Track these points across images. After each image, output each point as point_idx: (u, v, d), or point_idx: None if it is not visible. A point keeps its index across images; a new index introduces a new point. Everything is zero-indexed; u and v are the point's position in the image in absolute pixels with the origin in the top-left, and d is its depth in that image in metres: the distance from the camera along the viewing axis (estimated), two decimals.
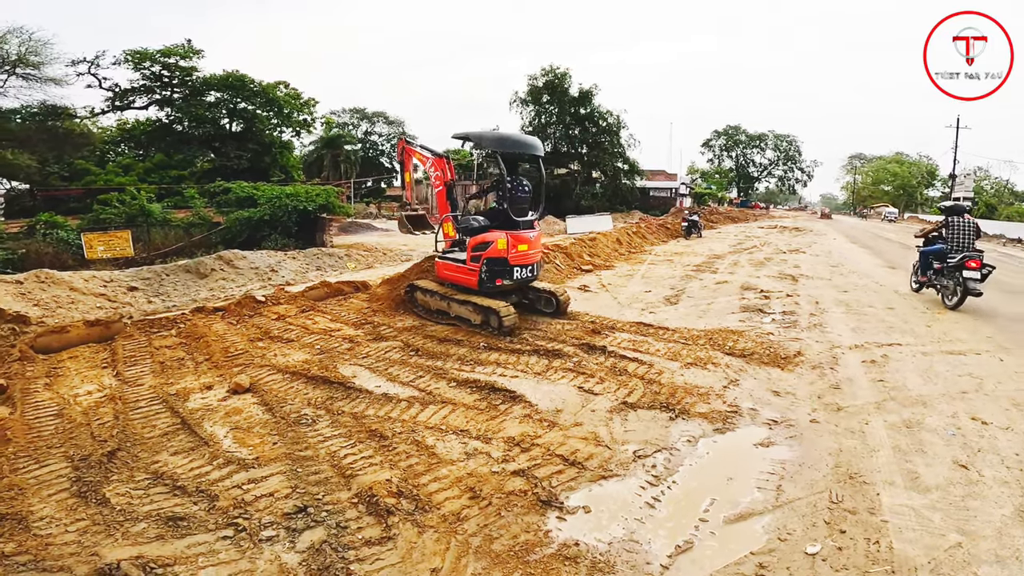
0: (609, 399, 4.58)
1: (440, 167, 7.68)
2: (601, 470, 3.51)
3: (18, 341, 5.86)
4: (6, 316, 6.71)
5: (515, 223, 6.83)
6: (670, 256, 15.11)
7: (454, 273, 7.07)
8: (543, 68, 41.37)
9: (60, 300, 8.70)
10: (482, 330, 6.53)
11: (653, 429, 4.10)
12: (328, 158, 41.82)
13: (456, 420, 4.18)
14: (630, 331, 6.86)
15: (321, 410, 4.29)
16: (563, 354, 5.75)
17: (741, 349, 6.15)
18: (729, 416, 4.36)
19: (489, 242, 6.64)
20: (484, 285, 6.66)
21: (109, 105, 26.95)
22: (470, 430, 4.00)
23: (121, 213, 18.82)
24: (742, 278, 11.36)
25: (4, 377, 5.04)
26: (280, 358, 5.59)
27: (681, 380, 5.09)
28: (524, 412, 4.32)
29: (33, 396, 4.64)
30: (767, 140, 76.69)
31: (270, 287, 10.07)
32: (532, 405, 4.43)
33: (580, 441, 3.87)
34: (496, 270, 6.65)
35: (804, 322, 7.73)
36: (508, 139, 7.28)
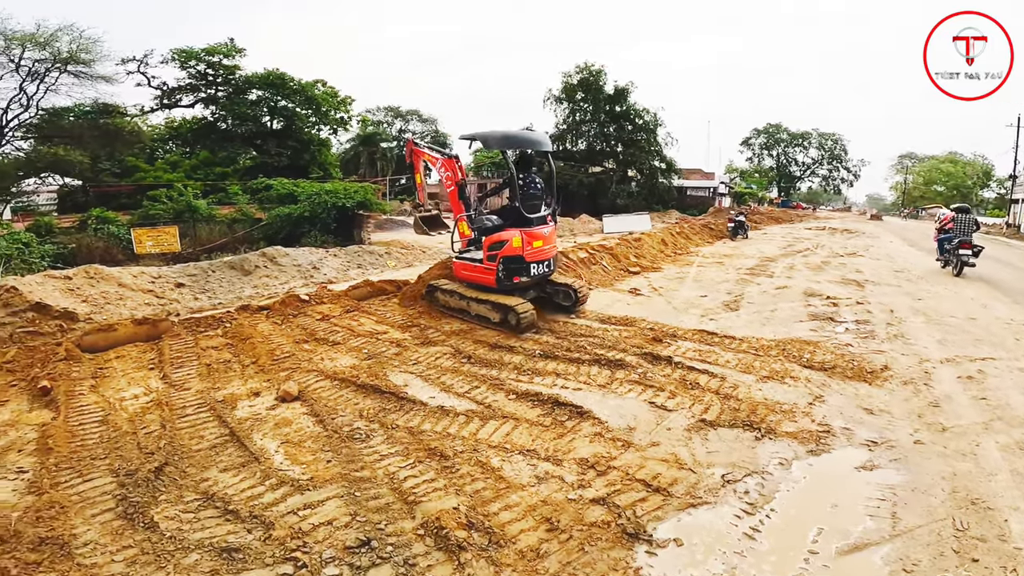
0: (684, 416, 4.21)
1: (450, 167, 7.59)
2: (688, 497, 3.17)
3: (64, 339, 5.80)
4: (53, 312, 6.72)
5: (528, 220, 6.83)
6: (719, 258, 14.42)
7: (472, 272, 7.10)
8: (577, 65, 40.74)
9: (108, 296, 8.76)
10: (501, 328, 6.51)
11: (738, 450, 3.74)
12: (365, 155, 42.25)
13: (520, 438, 3.85)
14: (694, 340, 6.41)
15: (374, 423, 4.01)
16: (626, 364, 5.35)
17: (820, 362, 5.64)
18: (821, 436, 3.97)
19: (504, 240, 6.63)
20: (502, 283, 6.70)
21: (158, 103, 27.81)
22: (537, 450, 3.68)
23: (169, 209, 19.26)
24: (802, 283, 10.66)
25: (49, 378, 4.95)
26: (327, 362, 5.35)
27: (760, 395, 4.67)
28: (594, 429, 3.98)
29: (78, 399, 4.51)
30: (811, 138, 73.92)
31: (312, 285, 9.96)
32: (601, 422, 4.09)
33: (660, 463, 3.52)
34: (513, 268, 6.67)
35: (882, 332, 7.10)
36: (514, 137, 7.28)
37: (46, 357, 5.46)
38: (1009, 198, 38.10)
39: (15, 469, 3.57)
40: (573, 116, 41.93)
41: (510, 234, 6.67)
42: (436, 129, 58.97)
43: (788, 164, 75.45)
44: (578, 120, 41.85)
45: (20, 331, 6.52)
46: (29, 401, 4.62)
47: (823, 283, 10.75)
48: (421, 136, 57.62)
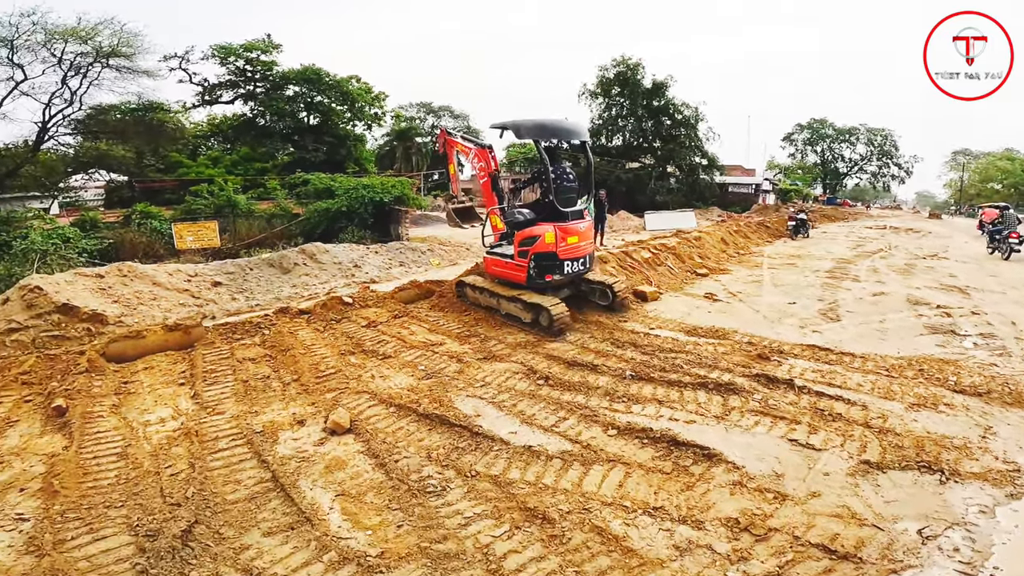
0: (839, 456, 3.45)
1: (483, 158, 7.10)
2: (887, 562, 2.49)
3: (88, 348, 5.18)
4: (81, 315, 6.15)
5: (563, 214, 6.34)
6: (787, 259, 13.17)
7: (503, 268, 6.66)
8: (614, 59, 39.27)
9: (142, 296, 8.23)
10: (532, 328, 6.09)
11: (923, 497, 3.04)
12: (400, 150, 41.87)
13: (639, 490, 3.03)
14: (806, 357, 5.44)
15: (448, 469, 3.19)
16: (739, 388, 4.45)
17: (970, 385, 4.70)
18: (1014, 476, 3.26)
19: (536, 236, 6.15)
20: (533, 281, 6.24)
21: (199, 99, 27.85)
22: (666, 507, 2.87)
23: (210, 204, 19.06)
24: (899, 289, 9.42)
25: (66, 395, 4.32)
26: (379, 381, 4.57)
27: (918, 427, 3.87)
28: (730, 477, 3.18)
29: (95, 423, 3.85)
30: (858, 134, 70.32)
31: (354, 284, 9.27)
32: (737, 466, 3.28)
33: (832, 520, 2.78)
34: (545, 265, 6.19)
35: (1015, 348, 5.99)
36: (548, 126, 6.69)
37: (66, 368, 4.87)
38: None
39: (14, 515, 2.89)
40: (609, 111, 40.59)
41: (543, 229, 6.15)
42: (468, 125, 58.33)
43: (834, 160, 72.04)
44: (615, 115, 40.48)
45: (44, 335, 5.98)
46: (42, 422, 4.00)
47: (923, 289, 9.50)
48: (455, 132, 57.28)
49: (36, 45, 15.42)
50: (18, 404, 4.36)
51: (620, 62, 38.24)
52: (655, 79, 38.29)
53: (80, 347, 5.77)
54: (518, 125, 6.52)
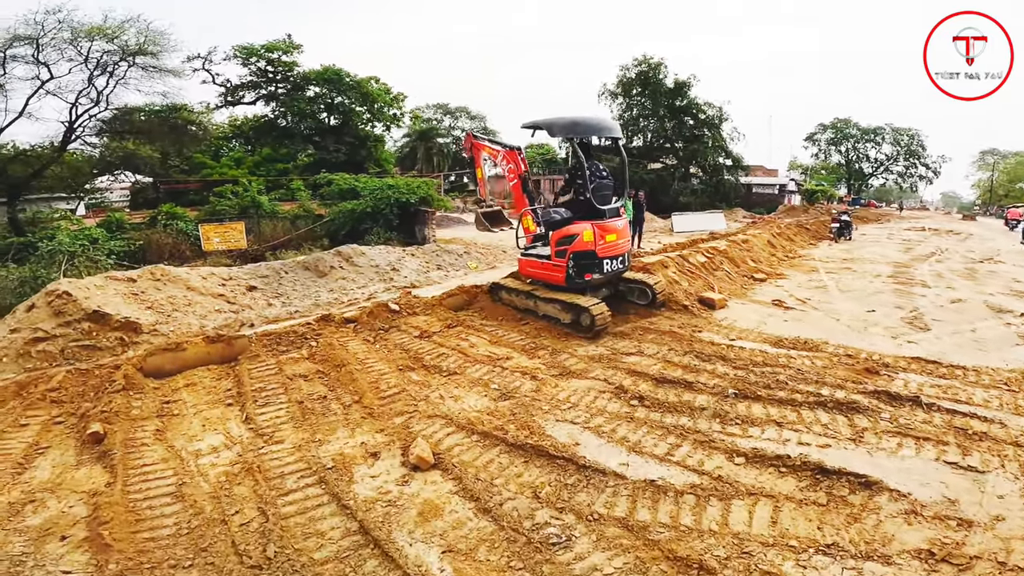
0: (1005, 477, 3.12)
1: (512, 160, 6.99)
2: None
3: (124, 362, 4.75)
4: (113, 323, 5.75)
5: (600, 212, 6.23)
6: (840, 263, 12.47)
7: (539, 270, 6.57)
8: (635, 58, 38.57)
9: (176, 301, 7.85)
10: (571, 330, 5.93)
11: None
12: (422, 150, 41.57)
13: (797, 526, 2.61)
14: (916, 371, 4.96)
15: (564, 512, 2.70)
16: (861, 407, 3.97)
17: None
18: None
19: (574, 234, 6.04)
20: (572, 281, 6.11)
21: (222, 100, 27.76)
22: (839, 543, 2.48)
23: (235, 205, 18.82)
24: (973, 295, 8.75)
25: (102, 417, 3.88)
26: (451, 403, 4.08)
27: None
28: (899, 506, 2.79)
29: (139, 453, 3.41)
30: (883, 134, 68.56)
31: (394, 289, 8.83)
32: (903, 494, 2.89)
33: None
34: (584, 264, 6.07)
35: None
36: (581, 123, 6.55)
37: (100, 385, 4.44)
38: None
39: (59, 573, 2.44)
40: (630, 111, 39.91)
41: (580, 227, 6.04)
42: (484, 126, 57.94)
43: (858, 160, 70.35)
44: (636, 115, 39.80)
45: (74, 345, 5.60)
46: (76, 450, 3.56)
47: (997, 296, 8.82)
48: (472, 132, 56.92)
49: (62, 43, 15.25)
50: (47, 426, 3.94)
51: (642, 61, 37.56)
52: (677, 79, 37.56)
53: (113, 359, 5.38)
54: (551, 123, 6.32)
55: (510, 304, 6.82)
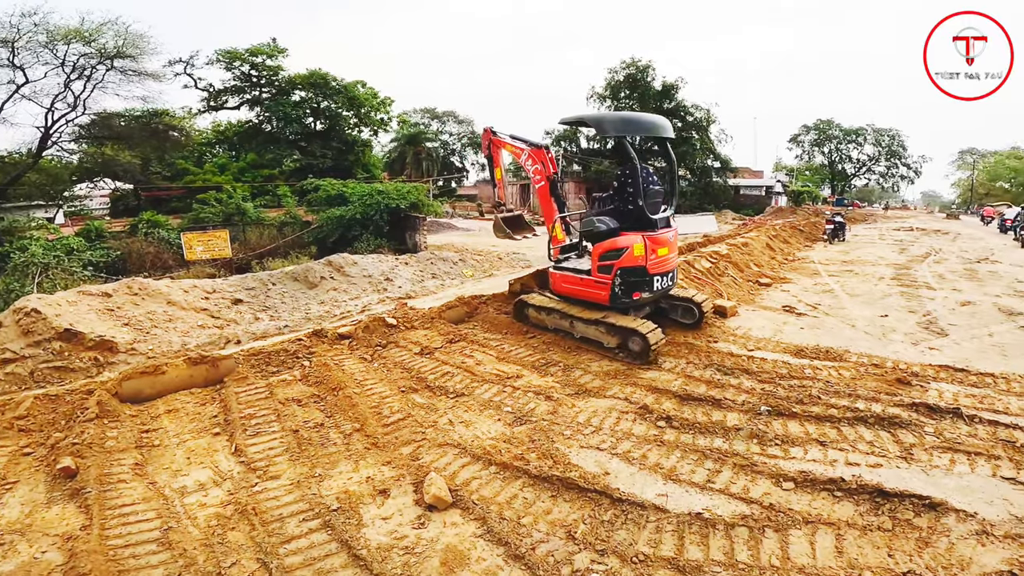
0: None
1: (540, 159, 6.38)
2: None
3: (98, 387, 4.33)
4: (86, 342, 5.32)
5: (652, 222, 5.48)
6: (840, 265, 12.34)
7: (576, 286, 5.82)
8: (623, 61, 38.71)
9: (155, 317, 7.41)
10: (615, 354, 5.26)
11: None
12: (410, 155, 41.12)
13: (866, 555, 2.41)
14: (946, 380, 4.82)
15: (605, 554, 2.41)
16: (901, 421, 3.78)
17: None
18: None
19: (623, 248, 5.31)
20: (619, 300, 5.39)
21: (204, 105, 27.17)
22: (916, 570, 2.31)
23: (218, 212, 18.32)
24: (980, 297, 8.61)
25: (74, 449, 3.49)
26: (462, 429, 3.73)
27: None
28: (967, 527, 2.61)
29: (117, 491, 3.03)
30: (865, 134, 69.49)
31: (388, 300, 8.45)
32: (970, 514, 2.69)
33: None
34: (633, 281, 5.34)
35: None
36: (635, 121, 5.95)
37: (71, 413, 4.02)
38: None
39: None
40: None
41: (630, 240, 5.31)
42: (472, 131, 57.69)
43: (841, 161, 71.20)
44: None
45: (44, 367, 5.17)
46: (47, 485, 3.17)
47: (1003, 298, 8.69)
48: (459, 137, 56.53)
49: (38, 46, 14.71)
50: (14, 458, 3.52)
51: (630, 64, 37.61)
52: (665, 81, 37.69)
53: (87, 381, 4.95)
54: (601, 119, 5.69)
55: (538, 323, 6.14)
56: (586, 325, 5.52)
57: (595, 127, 5.83)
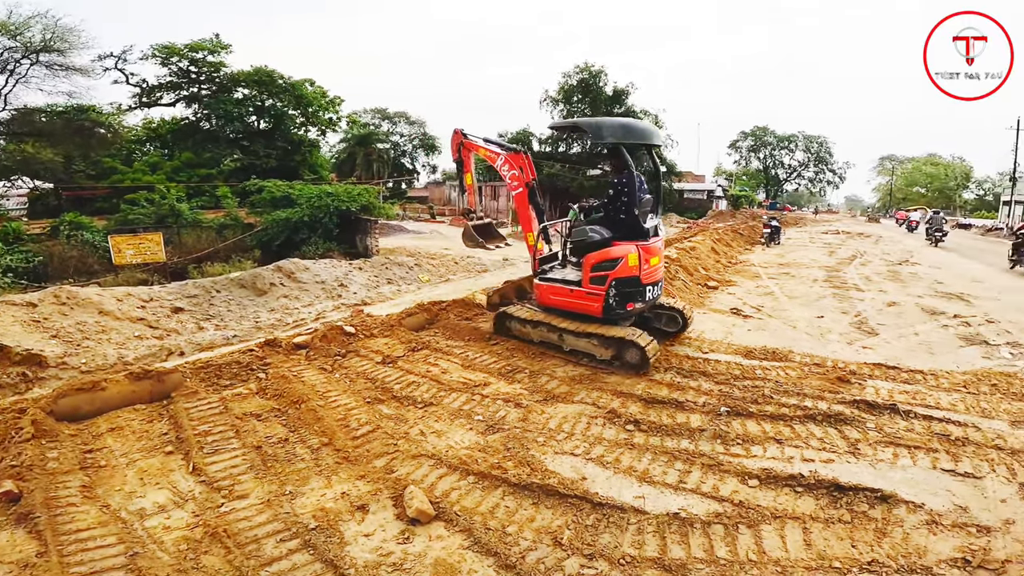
0: (998, 482, 3.27)
1: (518, 164, 6.14)
2: None
3: (31, 405, 4.00)
4: (12, 356, 4.91)
5: (644, 231, 5.39)
6: (777, 268, 13.10)
7: (566, 298, 5.61)
8: (577, 66, 39.61)
9: (87, 328, 6.89)
10: (608, 367, 5.14)
11: None
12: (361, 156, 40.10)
13: (832, 546, 2.60)
14: (880, 377, 5.19)
15: (594, 558, 2.47)
16: (846, 418, 4.07)
17: None
18: None
19: (616, 258, 5.20)
20: (612, 312, 5.25)
21: (136, 101, 25.45)
22: (879, 559, 2.50)
23: (150, 213, 17.22)
24: (904, 298, 9.39)
25: (14, 474, 3.21)
26: (435, 439, 3.70)
27: None
28: (918, 517, 2.86)
29: (69, 516, 2.82)
30: (797, 141, 74.06)
31: (344, 307, 8.23)
32: (918, 505, 2.95)
33: None
34: (627, 292, 5.23)
35: None
36: (633, 127, 5.74)
37: (4, 433, 3.69)
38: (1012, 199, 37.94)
39: None
40: (570, 118, 40.73)
41: (624, 250, 5.20)
42: (424, 132, 57.13)
43: (775, 167, 75.49)
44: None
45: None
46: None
47: (926, 298, 9.53)
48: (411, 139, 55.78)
49: None
50: None
51: (583, 69, 38.45)
52: (616, 86, 38.77)
53: (17, 399, 4.54)
54: (599, 125, 5.47)
55: (521, 336, 5.92)
56: (577, 338, 5.37)
57: (592, 133, 5.60)
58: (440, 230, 32.38)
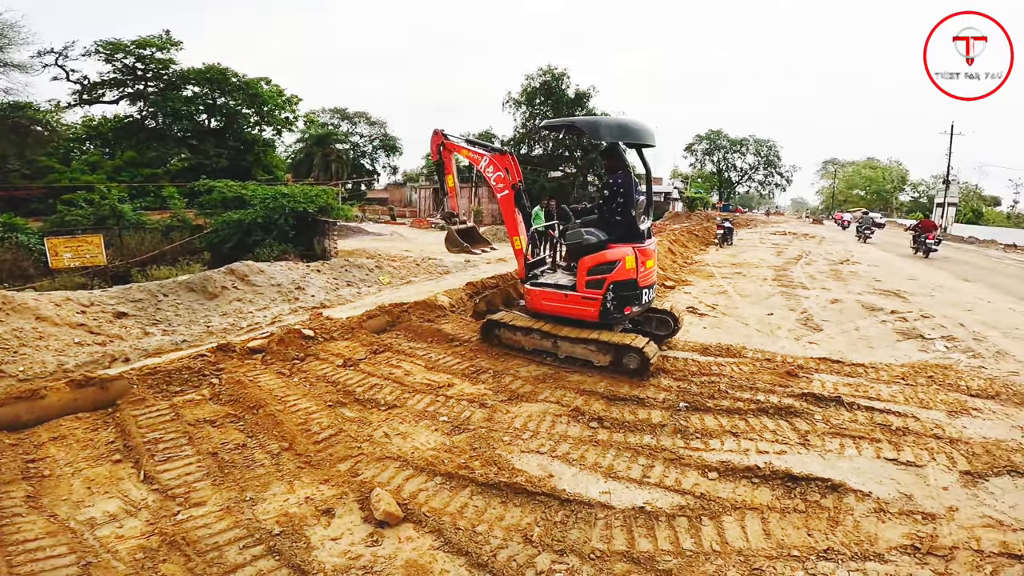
0: (939, 470, 3.45)
1: (503, 165, 5.96)
2: None
3: None
4: None
5: (640, 233, 5.32)
6: (730, 267, 13.64)
7: (560, 303, 5.44)
8: (540, 68, 39.97)
9: (24, 335, 6.47)
10: (607, 373, 5.02)
11: None
12: (319, 157, 39.08)
13: (790, 535, 2.72)
14: (825, 371, 5.46)
15: (564, 553, 2.52)
16: (796, 411, 4.26)
17: (978, 389, 5.01)
18: None
19: (614, 261, 5.07)
20: (610, 316, 5.12)
21: (76, 99, 23.98)
22: (834, 547, 2.64)
23: (89, 214, 16.30)
24: (845, 295, 9.95)
25: None
26: (400, 441, 3.67)
27: (974, 434, 3.97)
28: (867, 506, 3.02)
29: (15, 525, 2.66)
30: (748, 144, 76.99)
31: (301, 311, 8.03)
32: (866, 494, 3.12)
33: (989, 529, 2.79)
34: (625, 296, 5.11)
35: (982, 349, 6.48)
36: (630, 127, 5.48)
37: None
38: (944, 202, 40.66)
39: None
40: (533, 120, 41.07)
41: (621, 252, 5.08)
42: (385, 132, 56.30)
43: (727, 169, 78.22)
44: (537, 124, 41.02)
45: None
46: None
47: (865, 295, 10.12)
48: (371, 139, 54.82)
49: None
50: None
51: (546, 71, 38.79)
52: (578, 89, 39.28)
53: None
54: (596, 124, 5.28)
55: (511, 344, 5.70)
56: (573, 344, 5.20)
57: (589, 132, 5.35)
58: (401, 232, 32.02)
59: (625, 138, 5.34)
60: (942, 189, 47.20)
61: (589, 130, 5.31)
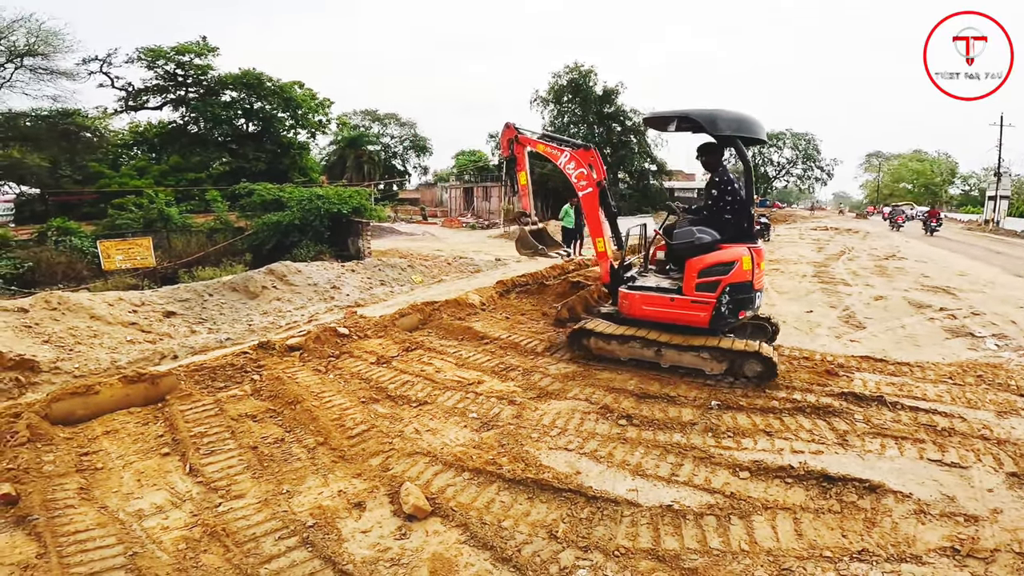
0: (984, 472, 3.30)
1: (586, 160, 5.59)
2: None
3: (25, 409, 4.00)
4: (5, 362, 4.88)
5: (751, 234, 5.01)
6: (768, 264, 13.22)
7: (664, 308, 5.02)
8: (567, 65, 39.74)
9: (79, 333, 6.85)
10: (719, 381, 4.69)
11: None
12: (352, 158, 39.96)
13: (822, 536, 2.65)
14: (868, 369, 5.27)
15: (589, 550, 2.54)
16: (836, 410, 4.13)
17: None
18: None
19: (730, 262, 4.72)
20: (724, 321, 4.78)
21: (122, 105, 25.25)
22: (869, 549, 2.55)
23: (138, 218, 17.10)
24: (891, 292, 9.54)
25: (11, 476, 3.22)
26: (430, 437, 3.74)
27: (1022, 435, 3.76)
28: (906, 507, 2.90)
29: (67, 518, 2.83)
30: (784, 139, 74.62)
31: (336, 309, 8.23)
32: (906, 495, 3.01)
33: None
34: (740, 299, 4.77)
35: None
36: (747, 120, 5.01)
37: (0, 439, 3.69)
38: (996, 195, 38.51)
39: None
40: (561, 117, 40.89)
41: (736, 252, 4.74)
42: (415, 133, 57.07)
43: (763, 164, 76.00)
44: (566, 122, 40.83)
45: None
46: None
47: (911, 291, 9.68)
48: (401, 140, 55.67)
49: None
50: None
51: (573, 68, 38.60)
52: (606, 86, 38.94)
53: (11, 403, 4.53)
54: (714, 116, 4.80)
55: (605, 355, 5.27)
56: (680, 352, 4.85)
57: (707, 125, 4.86)
58: (432, 231, 32.40)
59: (742, 132, 4.94)
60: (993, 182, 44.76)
61: (707, 123, 4.84)
